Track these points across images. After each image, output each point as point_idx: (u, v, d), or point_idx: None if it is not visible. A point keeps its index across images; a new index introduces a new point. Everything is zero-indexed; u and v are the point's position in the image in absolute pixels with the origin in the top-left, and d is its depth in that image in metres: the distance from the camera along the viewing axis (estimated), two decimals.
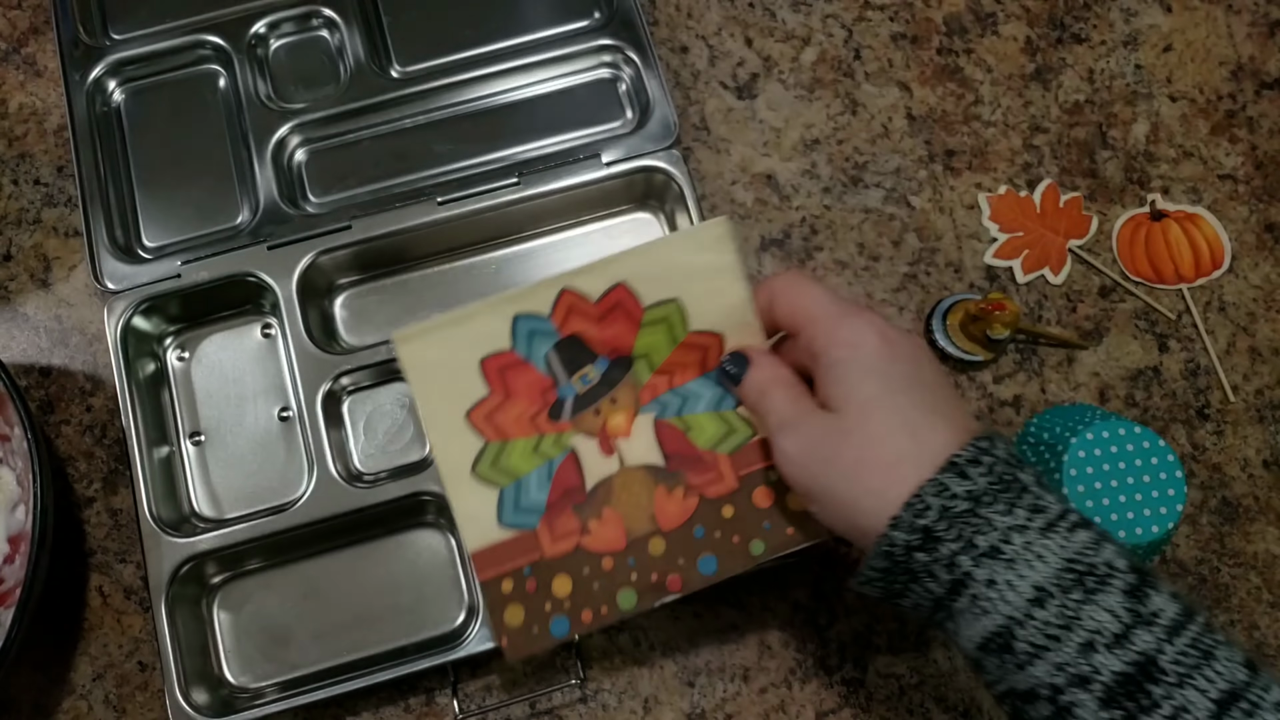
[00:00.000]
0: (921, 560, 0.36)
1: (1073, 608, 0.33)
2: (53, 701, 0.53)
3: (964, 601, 0.36)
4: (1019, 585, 0.34)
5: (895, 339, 0.40)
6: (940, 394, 0.39)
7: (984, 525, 0.35)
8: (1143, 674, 0.32)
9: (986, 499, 0.35)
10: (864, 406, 0.38)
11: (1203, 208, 0.61)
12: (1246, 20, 0.64)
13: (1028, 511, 0.35)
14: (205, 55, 0.61)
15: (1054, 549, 0.34)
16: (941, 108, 0.62)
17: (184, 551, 0.51)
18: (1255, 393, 0.58)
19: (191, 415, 0.56)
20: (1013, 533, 0.35)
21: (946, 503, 0.35)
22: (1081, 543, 0.34)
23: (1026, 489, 0.36)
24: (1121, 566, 0.34)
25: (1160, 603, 0.33)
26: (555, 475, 0.47)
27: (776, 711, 0.52)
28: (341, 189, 0.59)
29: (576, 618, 0.45)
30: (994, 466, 0.36)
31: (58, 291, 0.59)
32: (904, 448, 0.37)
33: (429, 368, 0.46)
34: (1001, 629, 0.35)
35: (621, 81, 0.61)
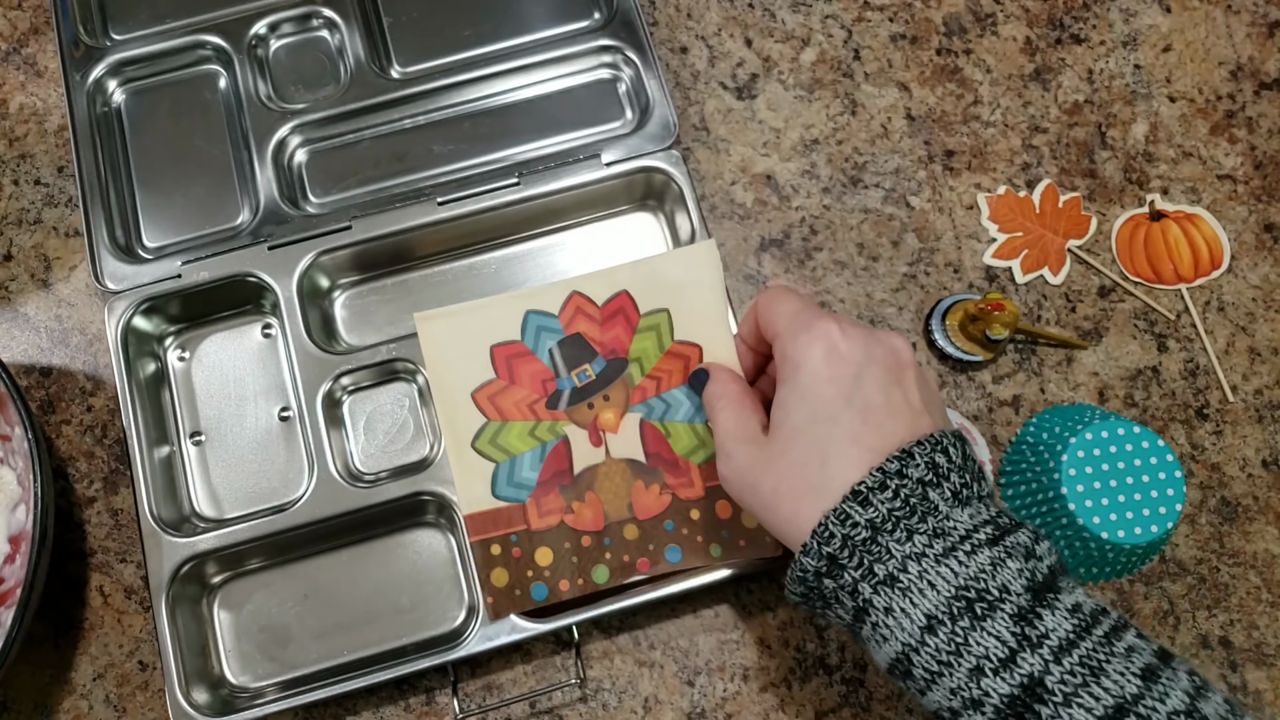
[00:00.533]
0: (829, 586, 0.37)
1: (961, 634, 0.34)
2: (53, 701, 0.53)
3: (867, 629, 0.37)
4: (912, 613, 0.35)
5: (844, 352, 0.39)
6: (874, 415, 0.38)
7: (883, 553, 0.36)
8: (1030, 695, 0.33)
9: (888, 526, 0.36)
10: (790, 435, 0.39)
11: (1202, 208, 0.61)
12: (1246, 20, 0.64)
13: (927, 538, 0.36)
14: (205, 56, 0.61)
15: (946, 576, 0.35)
16: (941, 108, 0.62)
17: (184, 551, 0.51)
18: (1254, 392, 0.58)
19: (192, 415, 0.56)
20: (909, 561, 0.35)
21: (848, 531, 0.36)
22: (978, 567, 0.35)
23: (934, 509, 0.36)
24: (1016, 589, 0.35)
25: (1052, 623, 0.34)
26: (547, 458, 0.52)
27: (776, 711, 0.52)
28: (341, 189, 0.59)
29: (555, 586, 0.50)
30: (900, 489, 0.36)
31: (58, 292, 0.59)
32: (812, 480, 0.38)
33: (444, 346, 0.52)
34: (900, 656, 0.36)
35: (621, 82, 0.61)
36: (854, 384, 0.39)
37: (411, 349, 0.54)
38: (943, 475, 0.37)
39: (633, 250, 0.59)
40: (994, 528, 0.36)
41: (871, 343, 0.40)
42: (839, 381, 0.39)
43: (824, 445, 0.38)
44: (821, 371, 0.39)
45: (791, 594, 0.40)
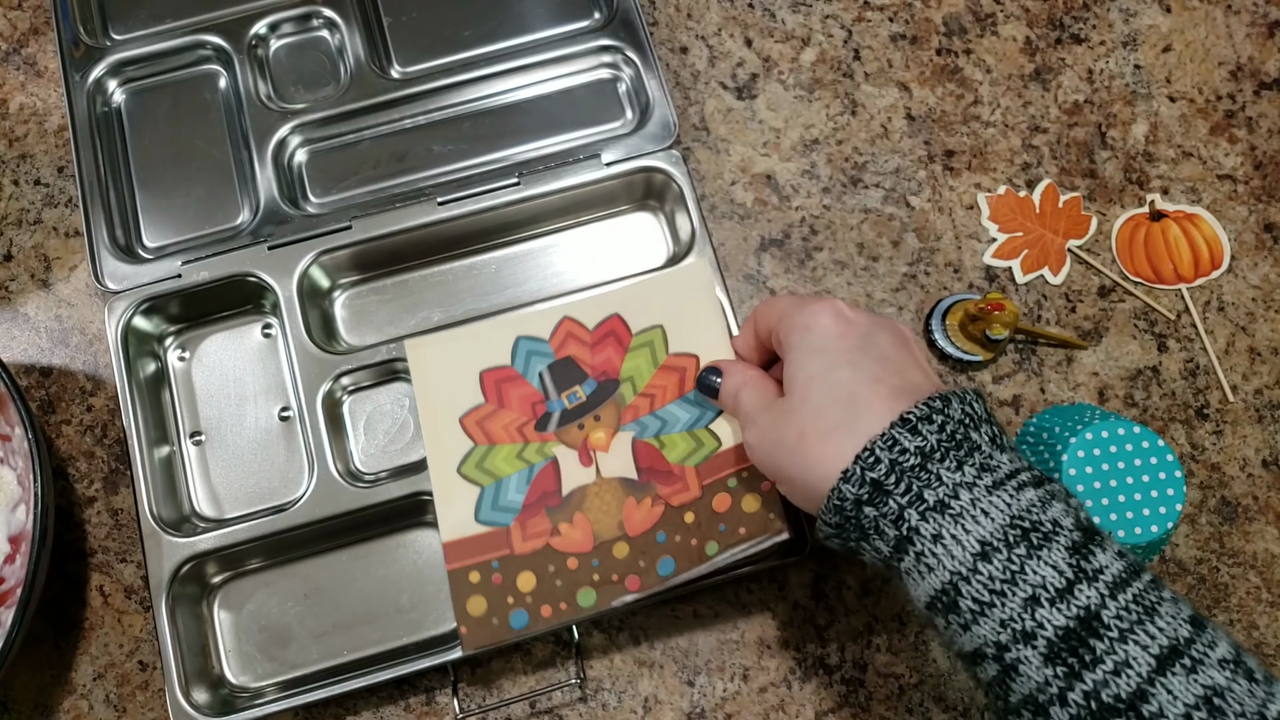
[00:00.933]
0: (870, 515, 0.37)
1: (1017, 562, 0.34)
2: (53, 701, 0.53)
3: (909, 560, 0.36)
4: (964, 540, 0.34)
5: (851, 317, 0.41)
6: (892, 364, 0.39)
7: (933, 480, 0.35)
8: (1086, 629, 0.32)
9: (937, 455, 0.36)
10: (806, 384, 0.40)
11: (1202, 208, 0.61)
12: (1246, 20, 0.64)
13: (976, 469, 0.36)
14: (206, 56, 0.61)
15: (1000, 505, 0.35)
16: (941, 108, 0.62)
17: (184, 551, 0.51)
18: (1254, 392, 0.58)
19: (192, 415, 0.56)
20: (960, 489, 0.35)
21: (896, 457, 0.36)
22: (1028, 500, 0.35)
23: (978, 447, 0.36)
24: (1067, 525, 0.34)
25: (1104, 560, 0.34)
26: (534, 479, 0.51)
27: (776, 711, 0.52)
28: (341, 189, 0.59)
29: (536, 612, 0.48)
30: (946, 425, 0.36)
31: (58, 292, 0.59)
32: (840, 417, 0.38)
33: (433, 373, 0.52)
34: (947, 585, 0.35)
35: (621, 82, 0.61)
36: (865, 338, 0.40)
37: None
38: (980, 419, 0.38)
39: (633, 250, 0.59)
40: (1031, 474, 0.36)
41: (875, 316, 0.42)
42: (850, 335, 0.40)
43: (848, 386, 0.38)
44: (832, 327, 0.40)
45: (824, 526, 0.39)
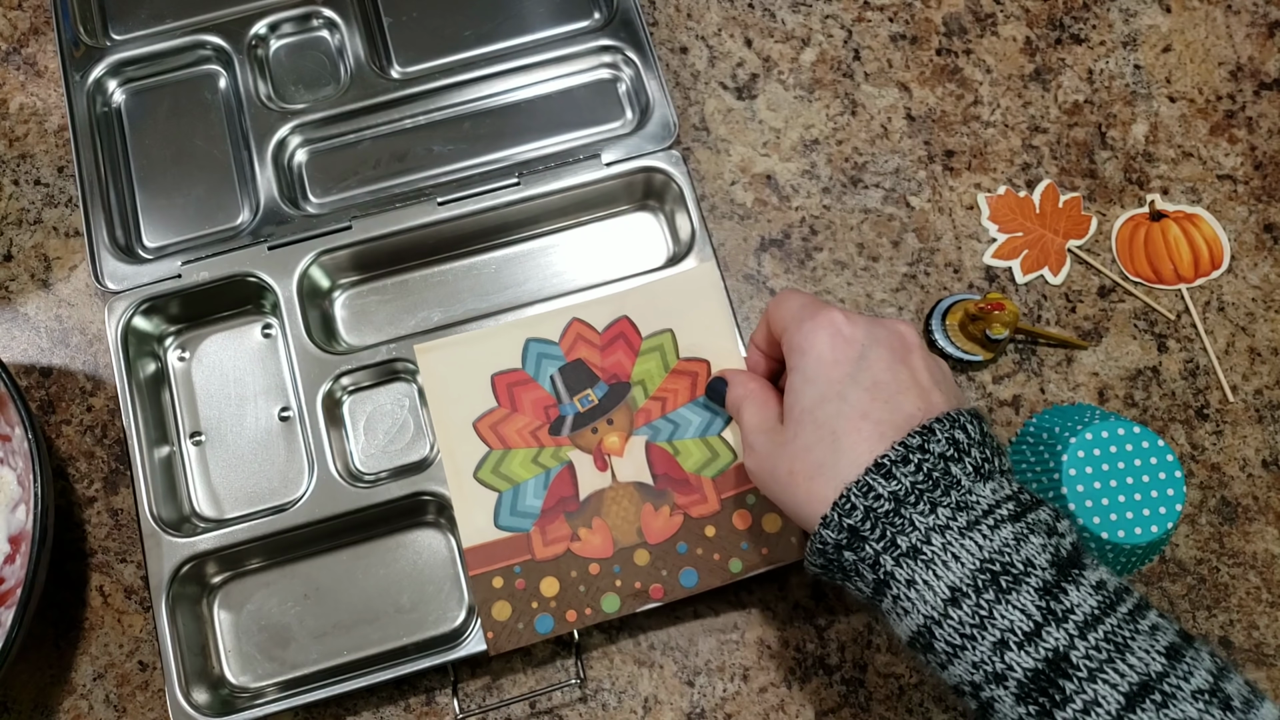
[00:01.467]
0: (849, 559, 0.37)
1: (986, 607, 0.34)
2: (53, 701, 0.53)
3: (888, 602, 0.37)
4: (935, 585, 0.35)
5: (848, 335, 0.40)
6: (883, 391, 0.39)
7: (905, 525, 0.36)
8: (1054, 669, 0.33)
9: (910, 499, 0.36)
10: (799, 418, 0.40)
11: (1202, 208, 0.61)
12: (1246, 21, 0.64)
13: (951, 510, 0.35)
14: (205, 56, 0.61)
15: (970, 549, 0.35)
16: (941, 108, 0.62)
17: (184, 551, 0.51)
18: (1254, 393, 0.58)
19: (192, 415, 0.56)
20: (933, 533, 0.35)
21: (871, 504, 0.36)
22: (1002, 541, 0.35)
23: (956, 483, 0.36)
24: (1041, 563, 0.34)
25: (1076, 598, 0.34)
26: (551, 484, 0.51)
27: (776, 711, 0.52)
28: (342, 189, 0.59)
29: (561, 617, 0.49)
30: (924, 463, 0.36)
31: (58, 292, 0.59)
32: (823, 458, 0.38)
33: (444, 378, 0.53)
34: (922, 629, 0.36)
35: (621, 82, 0.61)
36: (859, 363, 0.39)
37: (411, 349, 0.54)
38: (964, 450, 0.37)
39: (633, 250, 0.59)
40: (1016, 504, 0.36)
41: (875, 327, 0.41)
42: (843, 362, 0.39)
43: (834, 423, 0.38)
44: (826, 354, 0.40)
45: (810, 565, 0.40)
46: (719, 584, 0.50)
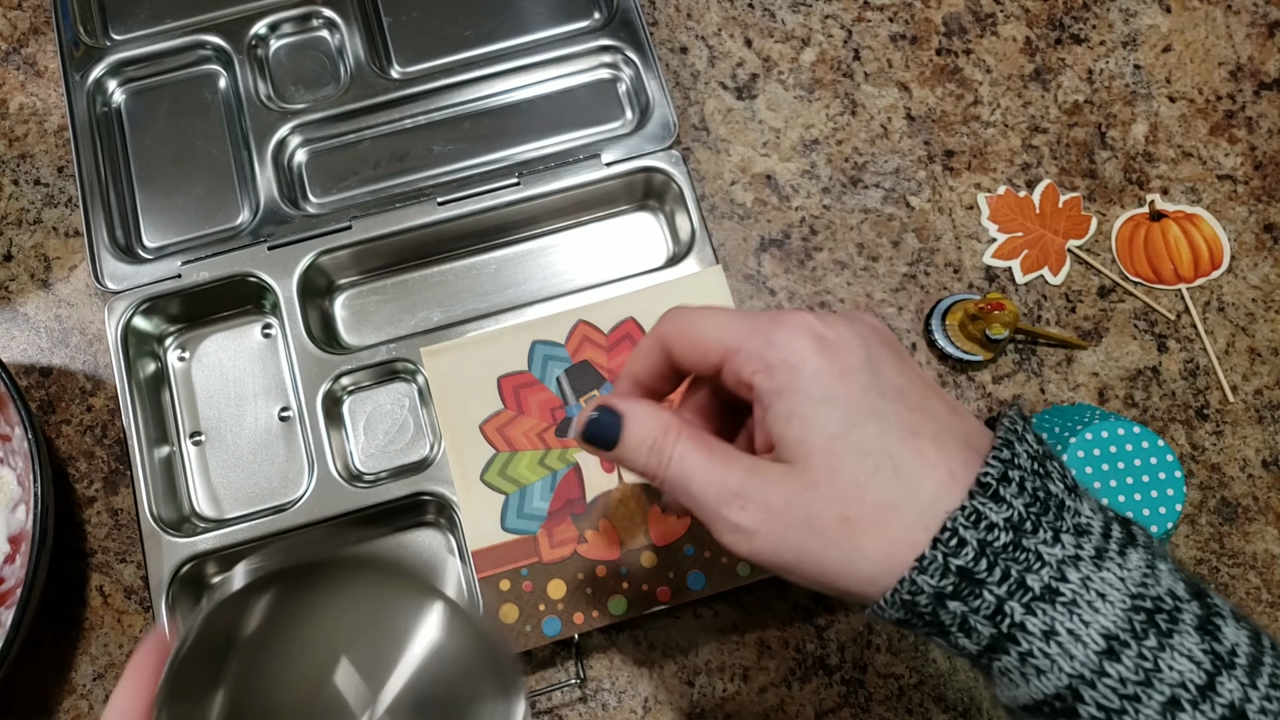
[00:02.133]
0: (956, 610, 0.28)
1: (1150, 657, 0.27)
2: (53, 701, 0.53)
3: (1011, 660, 0.28)
4: (1084, 635, 0.27)
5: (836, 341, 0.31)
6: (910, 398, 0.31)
7: (1033, 560, 0.28)
8: None
9: (1028, 525, 0.28)
10: (828, 450, 0.30)
11: (1202, 208, 0.61)
12: (1246, 21, 0.64)
13: (1074, 536, 0.28)
14: (205, 56, 0.61)
15: (1113, 583, 0.27)
16: (941, 108, 0.62)
17: (184, 551, 0.51)
18: (1254, 393, 0.58)
19: (192, 415, 0.56)
20: (1066, 567, 0.28)
21: (984, 535, 0.28)
22: (1140, 569, 0.28)
23: (1063, 504, 0.29)
24: (1182, 594, 0.28)
25: (1233, 635, 0.27)
26: (558, 486, 0.51)
27: (776, 711, 0.52)
28: (341, 189, 0.59)
29: (568, 619, 0.49)
30: (1024, 480, 0.29)
31: (58, 292, 0.59)
32: (892, 495, 0.29)
33: (451, 380, 0.52)
34: (1064, 690, 0.28)
35: (621, 82, 0.61)
36: (871, 370, 0.31)
37: (411, 349, 0.54)
38: (1047, 459, 0.30)
39: (633, 250, 0.59)
40: (1120, 522, 0.29)
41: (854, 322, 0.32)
42: (854, 372, 0.30)
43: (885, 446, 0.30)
44: (826, 366, 0.30)
45: (883, 617, 0.30)
46: (727, 587, 0.50)
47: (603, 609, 0.49)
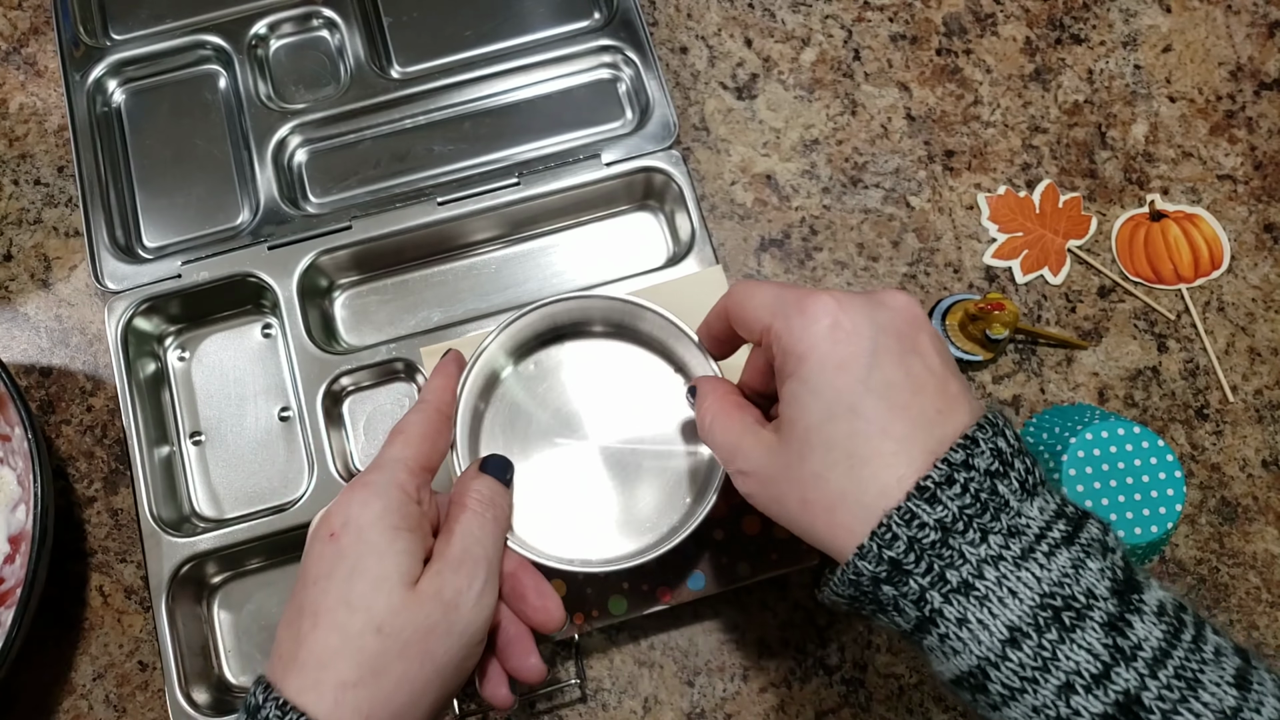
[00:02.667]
0: (888, 594, 0.33)
1: (1049, 648, 0.31)
2: (53, 701, 0.53)
3: (932, 640, 0.33)
4: (992, 625, 0.31)
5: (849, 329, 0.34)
6: (897, 395, 0.33)
7: (955, 557, 0.32)
8: (1126, 714, 0.30)
9: (959, 526, 0.32)
10: (804, 437, 0.34)
11: (1202, 208, 0.61)
12: (1246, 21, 0.64)
13: (1003, 537, 0.32)
14: (206, 56, 0.61)
15: (1029, 582, 0.31)
16: (941, 108, 0.62)
17: (184, 551, 0.51)
18: (1254, 393, 0.58)
19: (192, 415, 0.56)
20: (985, 565, 0.32)
21: (915, 533, 0.32)
22: (1060, 570, 0.31)
23: (1005, 506, 0.32)
24: (1102, 592, 0.31)
25: (1143, 631, 0.31)
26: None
27: (776, 711, 0.52)
28: (342, 189, 0.59)
29: (569, 619, 0.49)
30: (970, 483, 0.32)
31: (58, 291, 0.59)
32: (844, 488, 0.33)
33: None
34: (974, 669, 0.32)
35: (621, 82, 0.61)
36: (869, 363, 0.34)
37: (411, 349, 0.54)
38: (1007, 463, 0.33)
39: (633, 250, 0.59)
40: (1066, 522, 0.32)
41: (875, 309, 0.35)
42: (850, 366, 0.34)
43: (850, 444, 0.33)
44: (829, 356, 0.34)
45: (834, 596, 0.35)
46: (727, 587, 0.50)
47: (603, 609, 0.50)
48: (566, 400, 0.48)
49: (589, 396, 0.49)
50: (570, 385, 0.49)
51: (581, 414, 0.48)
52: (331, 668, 0.34)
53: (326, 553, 0.36)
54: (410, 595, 0.36)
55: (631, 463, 0.47)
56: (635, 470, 0.47)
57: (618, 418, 0.48)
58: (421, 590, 0.36)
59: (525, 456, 0.47)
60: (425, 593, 0.36)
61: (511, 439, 0.48)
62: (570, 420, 0.48)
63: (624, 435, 0.48)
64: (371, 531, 0.36)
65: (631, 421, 0.48)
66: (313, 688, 0.34)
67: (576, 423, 0.48)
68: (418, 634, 0.36)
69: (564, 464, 0.48)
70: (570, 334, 0.49)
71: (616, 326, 0.49)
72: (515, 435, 0.48)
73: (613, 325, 0.49)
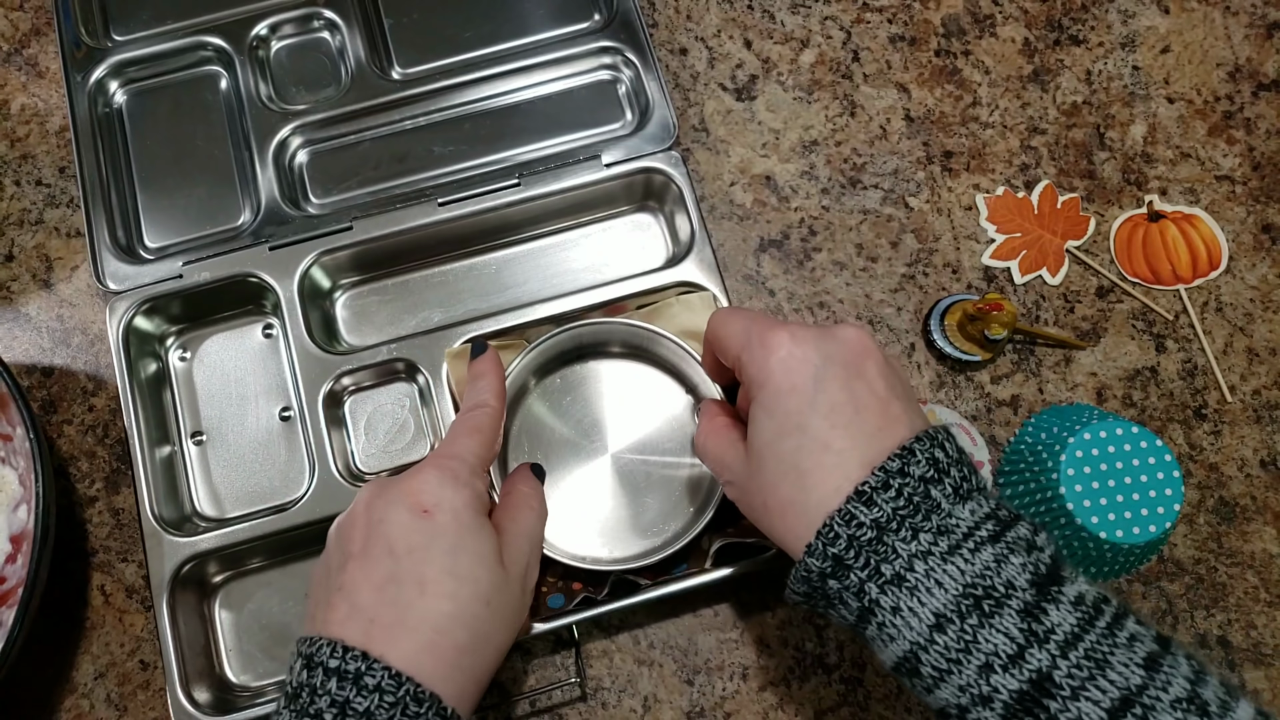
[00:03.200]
0: (834, 587, 0.37)
1: (970, 632, 0.34)
2: (55, 700, 0.53)
3: (873, 629, 0.37)
4: (920, 612, 0.35)
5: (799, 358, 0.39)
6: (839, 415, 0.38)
7: (889, 552, 0.36)
8: (1039, 690, 0.33)
9: (893, 525, 0.36)
10: (761, 454, 0.39)
11: (1200, 209, 0.61)
12: (1244, 22, 0.65)
13: (933, 535, 0.36)
14: (207, 57, 0.61)
15: (953, 574, 0.35)
16: (939, 109, 0.62)
17: (185, 551, 0.51)
18: (1252, 393, 0.58)
19: (193, 415, 0.56)
20: (915, 559, 0.35)
21: (854, 531, 0.36)
22: (983, 563, 0.35)
23: (937, 507, 0.36)
24: (1021, 583, 0.35)
25: (1057, 617, 0.34)
26: None
27: (775, 710, 0.52)
28: (342, 190, 0.59)
29: (568, 589, 0.50)
30: (904, 488, 0.36)
31: (60, 292, 0.59)
32: (792, 495, 0.38)
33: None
34: (908, 654, 0.36)
35: (621, 83, 0.61)
36: (814, 388, 0.38)
37: (412, 349, 0.54)
38: (943, 471, 0.37)
39: (632, 251, 0.59)
40: (995, 523, 0.36)
41: (824, 340, 0.40)
42: (798, 390, 0.39)
43: (795, 458, 0.38)
44: (782, 383, 0.39)
45: (793, 594, 0.40)
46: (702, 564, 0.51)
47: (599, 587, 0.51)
48: (586, 414, 0.54)
49: (607, 411, 0.54)
50: (591, 400, 0.54)
51: (599, 427, 0.53)
52: (449, 633, 0.38)
53: (421, 527, 0.39)
54: (502, 572, 0.41)
55: (642, 472, 0.52)
56: (645, 479, 0.52)
57: (632, 431, 0.53)
58: (509, 568, 0.41)
59: (547, 464, 0.52)
60: (512, 572, 0.41)
61: (535, 447, 0.53)
62: (589, 432, 0.53)
63: (637, 448, 0.53)
64: (466, 513, 0.40)
65: (644, 435, 0.53)
66: (428, 650, 0.37)
67: (594, 434, 0.53)
68: (510, 607, 0.41)
69: (581, 471, 0.53)
70: (591, 354, 0.54)
71: (634, 349, 0.54)
72: (539, 444, 0.53)
73: (631, 347, 0.54)
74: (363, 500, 0.41)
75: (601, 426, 0.53)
